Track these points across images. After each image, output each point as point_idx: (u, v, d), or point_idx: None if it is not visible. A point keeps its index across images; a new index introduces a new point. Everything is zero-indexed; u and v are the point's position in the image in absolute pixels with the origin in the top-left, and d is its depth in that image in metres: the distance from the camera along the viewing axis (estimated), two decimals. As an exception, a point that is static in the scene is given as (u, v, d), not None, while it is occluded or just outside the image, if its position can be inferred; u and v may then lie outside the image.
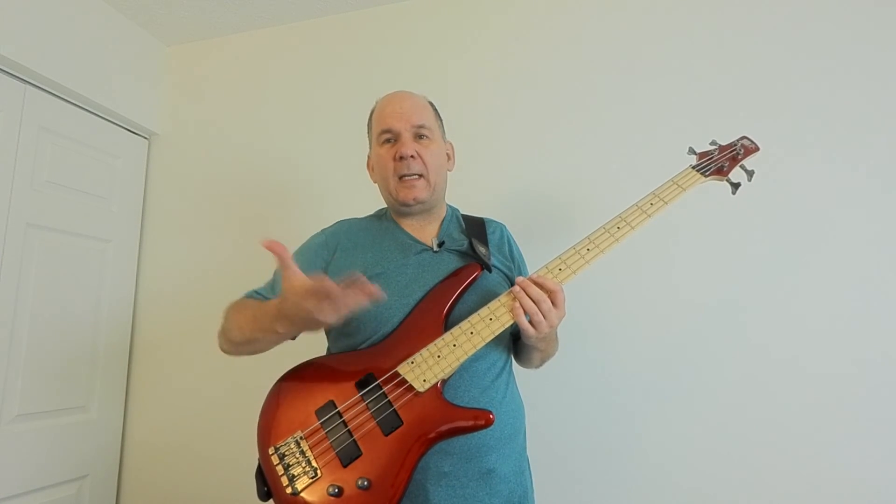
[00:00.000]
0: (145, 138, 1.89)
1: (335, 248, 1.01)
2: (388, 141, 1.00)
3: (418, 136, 1.00)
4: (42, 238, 1.51)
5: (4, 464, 1.39)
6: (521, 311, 0.84)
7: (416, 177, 0.98)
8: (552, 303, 0.84)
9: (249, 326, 0.89)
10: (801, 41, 1.38)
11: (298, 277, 0.77)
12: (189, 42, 1.93)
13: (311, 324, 0.80)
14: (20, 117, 1.47)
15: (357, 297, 0.76)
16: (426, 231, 1.03)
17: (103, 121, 1.73)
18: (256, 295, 0.98)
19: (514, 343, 1.01)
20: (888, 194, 1.27)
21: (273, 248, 0.76)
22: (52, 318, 1.53)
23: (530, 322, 0.84)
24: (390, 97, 1.04)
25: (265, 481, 0.80)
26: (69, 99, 1.62)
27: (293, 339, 0.90)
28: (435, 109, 1.07)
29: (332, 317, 0.77)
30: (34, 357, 1.47)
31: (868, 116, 1.30)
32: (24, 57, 1.45)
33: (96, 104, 1.67)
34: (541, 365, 1.05)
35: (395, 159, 0.98)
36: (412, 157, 0.97)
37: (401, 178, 0.98)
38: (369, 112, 1.08)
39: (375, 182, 1.07)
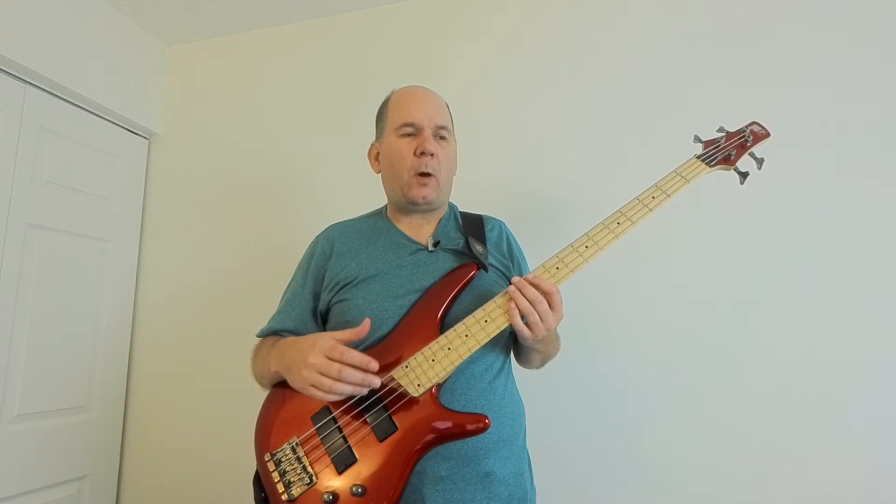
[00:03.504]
0: (145, 138, 1.89)
1: (331, 253, 1.01)
2: (408, 134, 0.98)
3: (438, 137, 0.99)
4: (42, 238, 1.51)
5: (4, 464, 1.39)
6: (517, 312, 0.81)
7: (429, 176, 0.97)
8: (549, 304, 0.81)
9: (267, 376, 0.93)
10: (802, 39, 1.36)
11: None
12: (189, 42, 1.93)
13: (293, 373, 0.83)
14: (20, 117, 1.47)
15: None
16: (423, 230, 1.02)
17: (103, 121, 1.73)
18: (273, 333, 1.00)
19: (515, 343, 0.99)
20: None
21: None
22: (52, 318, 1.53)
23: (526, 324, 0.81)
24: (413, 91, 1.02)
25: (262, 487, 0.80)
26: (69, 99, 1.61)
27: None
28: (449, 111, 1.06)
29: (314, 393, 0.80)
30: (34, 357, 1.47)
31: (880, 114, 1.28)
32: (24, 57, 1.44)
33: (96, 104, 1.67)
34: (542, 366, 1.04)
35: (415, 154, 0.96)
36: (432, 155, 0.96)
37: (418, 174, 0.96)
38: (384, 100, 1.05)
39: (379, 172, 1.05)
